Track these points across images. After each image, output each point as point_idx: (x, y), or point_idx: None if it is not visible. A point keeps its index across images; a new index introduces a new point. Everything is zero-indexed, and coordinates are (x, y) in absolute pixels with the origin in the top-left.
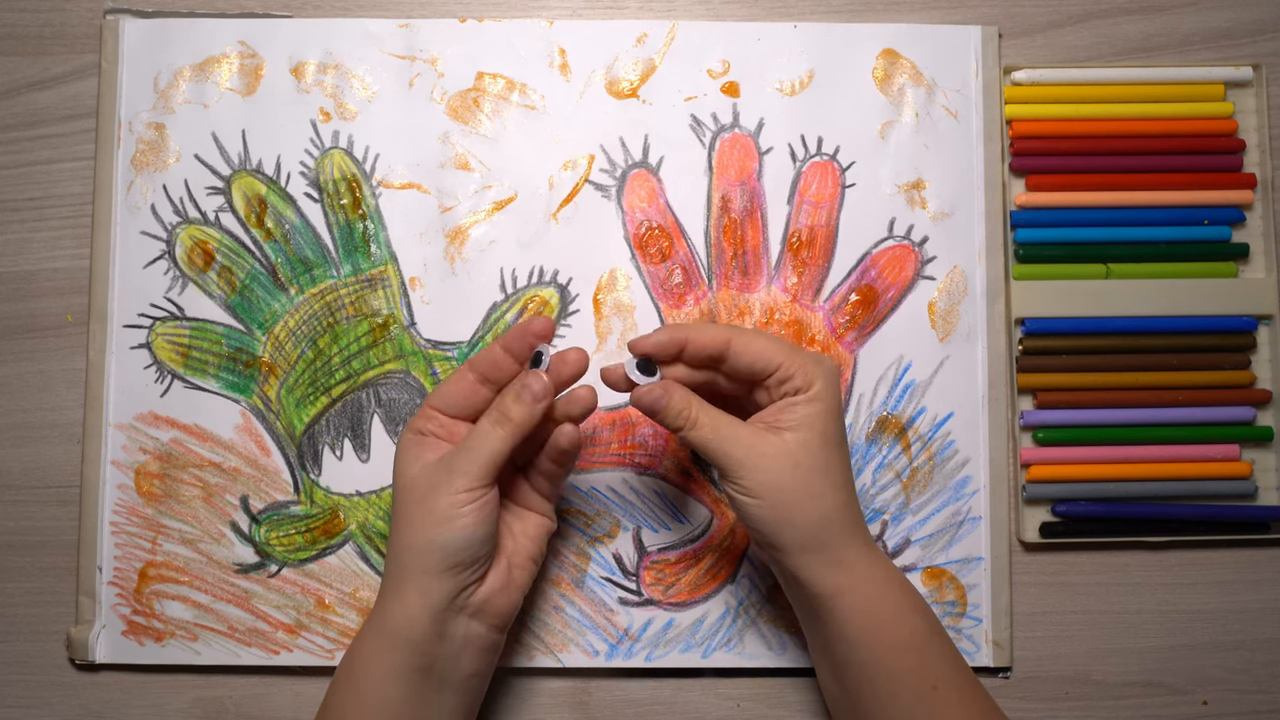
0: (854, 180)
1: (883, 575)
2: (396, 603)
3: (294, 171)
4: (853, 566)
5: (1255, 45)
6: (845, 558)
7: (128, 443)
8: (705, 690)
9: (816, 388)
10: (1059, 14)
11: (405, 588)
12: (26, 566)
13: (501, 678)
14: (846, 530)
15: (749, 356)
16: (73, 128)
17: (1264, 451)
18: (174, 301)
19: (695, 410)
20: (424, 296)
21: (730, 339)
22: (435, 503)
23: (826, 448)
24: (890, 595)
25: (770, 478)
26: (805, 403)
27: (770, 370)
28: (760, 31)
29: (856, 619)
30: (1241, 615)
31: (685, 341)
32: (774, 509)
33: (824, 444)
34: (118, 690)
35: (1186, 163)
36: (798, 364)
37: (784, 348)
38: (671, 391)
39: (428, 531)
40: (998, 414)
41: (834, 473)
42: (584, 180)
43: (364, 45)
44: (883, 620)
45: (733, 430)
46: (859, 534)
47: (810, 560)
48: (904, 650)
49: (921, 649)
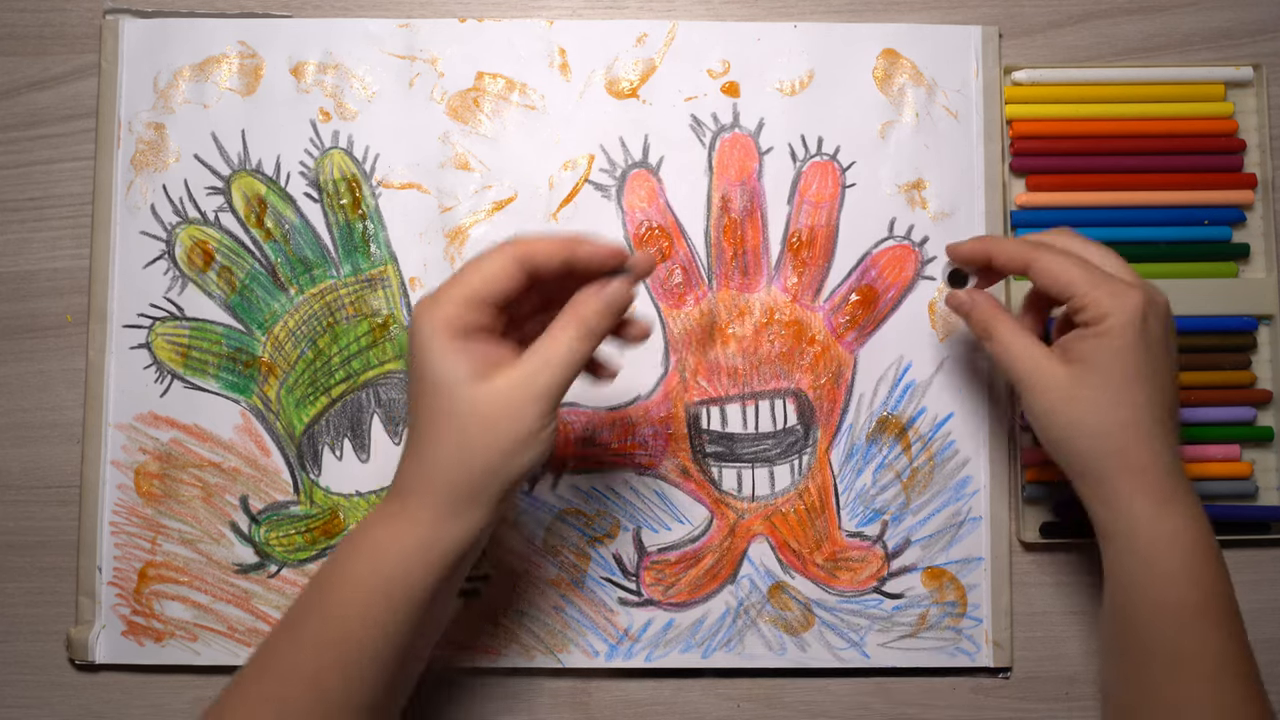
0: (854, 180)
1: (1167, 531)
2: (455, 525)
3: (294, 171)
4: (1128, 512)
5: (1255, 45)
6: (1120, 501)
7: (127, 443)
8: (705, 690)
9: (1107, 323)
10: (1059, 14)
11: (467, 510)
12: (26, 566)
13: (501, 678)
14: (1129, 472)
15: (1046, 280)
16: (73, 128)
17: (1264, 451)
18: (174, 301)
19: (994, 323)
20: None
21: (1031, 261)
22: (515, 429)
23: (1107, 385)
24: (1171, 552)
25: (1046, 405)
26: (1093, 337)
27: (1066, 297)
28: (760, 31)
29: (1119, 569)
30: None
31: (989, 254)
32: (1047, 434)
33: (1104, 381)
34: (118, 690)
35: (1187, 163)
36: (1092, 296)
37: (1083, 274)
38: (976, 302)
39: (501, 458)
40: (998, 414)
41: (1117, 410)
42: (584, 180)
43: (364, 45)
44: (1152, 576)
45: (1024, 351)
46: (1147, 479)
47: (1087, 493)
48: (1161, 614)
49: (1185, 617)
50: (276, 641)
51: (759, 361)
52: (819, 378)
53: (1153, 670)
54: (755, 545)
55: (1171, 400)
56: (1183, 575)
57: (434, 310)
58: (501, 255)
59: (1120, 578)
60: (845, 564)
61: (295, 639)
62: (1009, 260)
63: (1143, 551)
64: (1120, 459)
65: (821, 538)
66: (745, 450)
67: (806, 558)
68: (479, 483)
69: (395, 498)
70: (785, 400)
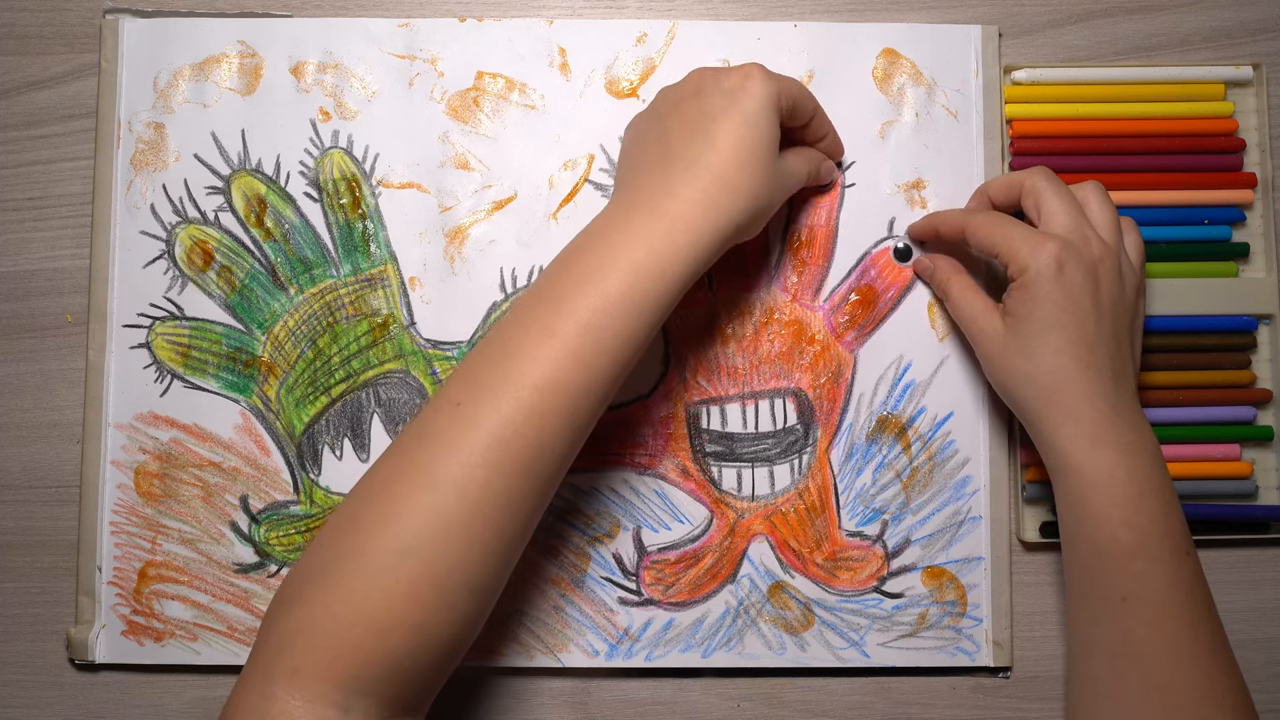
0: (854, 180)
1: (1100, 473)
2: (727, 212)
3: (294, 171)
4: (1062, 454)
5: (1255, 45)
6: (1057, 444)
7: (127, 443)
8: (705, 690)
9: (1027, 275)
10: (1059, 14)
11: (732, 196)
12: (26, 566)
13: (501, 678)
14: (1060, 415)
15: (977, 244)
16: (72, 127)
17: (1264, 451)
18: (174, 301)
19: (949, 283)
20: (424, 296)
21: (964, 226)
22: (778, 179)
23: (1031, 334)
24: (1100, 492)
25: (986, 354)
26: (1018, 290)
27: (995, 256)
28: (760, 31)
29: (1062, 510)
30: (1241, 615)
31: (934, 227)
32: (992, 382)
33: (1029, 330)
34: (117, 690)
35: (1187, 162)
36: (1013, 252)
37: (1006, 233)
38: (937, 265)
39: (770, 187)
40: (998, 414)
41: (1041, 356)
42: (584, 180)
43: (364, 45)
44: (1084, 517)
45: (971, 307)
46: (1079, 422)
47: (1032, 436)
48: (1098, 554)
49: (1119, 557)
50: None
51: (759, 361)
52: (819, 377)
53: (1097, 609)
54: (755, 545)
55: (1108, 344)
56: (1114, 516)
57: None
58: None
59: (1063, 518)
60: (845, 563)
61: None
62: (950, 230)
63: (1075, 493)
64: (1049, 402)
65: (821, 537)
66: (745, 450)
67: (806, 557)
68: (749, 191)
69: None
70: (785, 400)
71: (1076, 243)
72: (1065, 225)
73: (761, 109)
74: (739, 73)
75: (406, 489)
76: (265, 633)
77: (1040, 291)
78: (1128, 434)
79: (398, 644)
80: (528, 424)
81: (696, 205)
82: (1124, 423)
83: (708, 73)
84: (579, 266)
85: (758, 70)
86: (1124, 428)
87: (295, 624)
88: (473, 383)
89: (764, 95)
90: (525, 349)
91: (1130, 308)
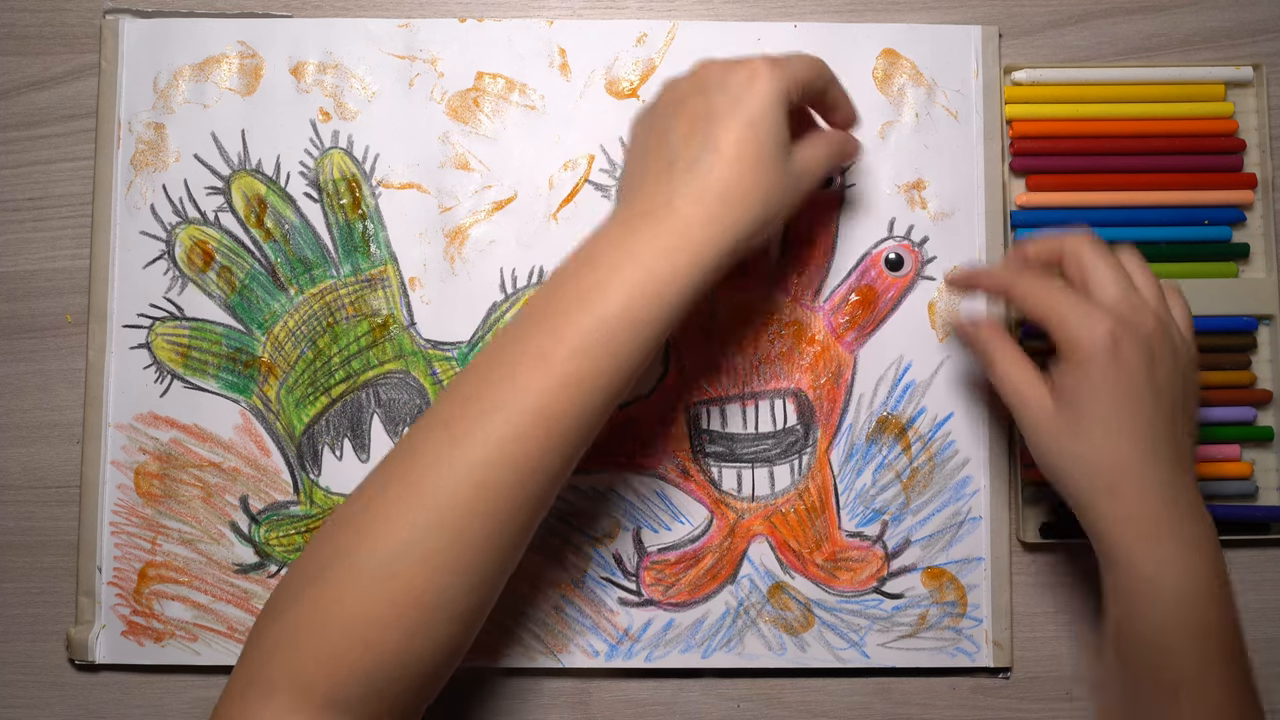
0: (854, 180)
1: (1161, 569)
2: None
3: (294, 171)
4: (1116, 548)
5: (1255, 45)
6: (1110, 538)
7: (127, 443)
8: (705, 690)
9: (1080, 355)
10: (1059, 14)
11: (736, 209)
12: (26, 566)
13: (501, 678)
14: (1116, 512)
15: (1023, 309)
16: (72, 128)
17: (1264, 451)
18: (174, 301)
19: (993, 352)
20: (424, 296)
21: (1008, 289)
22: (789, 180)
23: (1093, 428)
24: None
25: (1037, 443)
26: (1070, 369)
27: (1042, 325)
28: (760, 31)
29: (1112, 600)
30: (1241, 615)
31: (975, 283)
32: (1041, 466)
33: (1089, 424)
34: (117, 690)
35: (1187, 163)
36: (1062, 322)
37: (1055, 302)
38: (978, 330)
39: (780, 191)
40: (998, 414)
41: (1101, 453)
42: (584, 180)
43: (364, 45)
44: (1135, 613)
45: (1018, 384)
46: (1137, 519)
47: (1082, 522)
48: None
49: (1171, 652)
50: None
51: (759, 361)
52: (819, 378)
53: (1145, 701)
54: (755, 545)
55: (1166, 425)
56: (1169, 615)
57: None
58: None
59: (1111, 608)
60: (845, 564)
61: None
62: (993, 289)
63: (1126, 587)
64: (1103, 490)
65: (821, 538)
66: (745, 450)
67: (806, 558)
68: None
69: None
70: (785, 400)
71: (1130, 317)
72: (1116, 297)
73: (767, 110)
74: (745, 70)
75: (391, 508)
76: (251, 644)
77: (1094, 370)
78: (1185, 528)
79: (378, 661)
80: (517, 449)
81: (697, 223)
82: (1182, 514)
83: (714, 67)
84: (576, 285)
85: (764, 68)
86: (1182, 520)
87: (277, 637)
88: (463, 403)
89: (770, 95)
90: (517, 374)
91: (1185, 382)
